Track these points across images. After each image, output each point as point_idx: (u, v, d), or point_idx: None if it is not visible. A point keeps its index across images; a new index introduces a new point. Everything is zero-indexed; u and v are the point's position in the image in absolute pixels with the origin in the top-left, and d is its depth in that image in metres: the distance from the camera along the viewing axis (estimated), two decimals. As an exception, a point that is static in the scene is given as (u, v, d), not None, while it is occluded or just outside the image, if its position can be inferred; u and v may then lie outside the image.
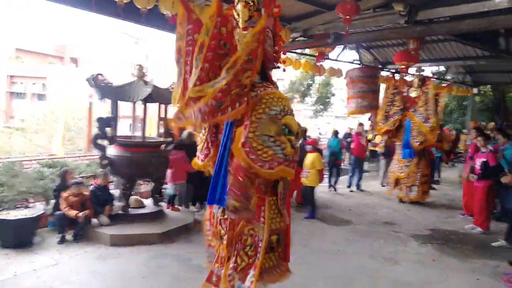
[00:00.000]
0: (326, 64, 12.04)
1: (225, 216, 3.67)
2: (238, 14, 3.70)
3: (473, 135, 9.03)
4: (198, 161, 3.86)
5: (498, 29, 10.50)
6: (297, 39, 9.95)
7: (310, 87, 22.96)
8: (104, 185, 6.44)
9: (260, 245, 3.62)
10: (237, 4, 3.69)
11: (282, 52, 4.01)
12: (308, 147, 7.80)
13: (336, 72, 12.33)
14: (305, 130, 9.31)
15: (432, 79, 15.55)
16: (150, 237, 5.97)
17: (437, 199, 10.19)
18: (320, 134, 26.46)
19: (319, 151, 8.00)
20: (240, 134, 3.33)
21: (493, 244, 6.66)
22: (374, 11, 8.10)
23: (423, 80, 9.53)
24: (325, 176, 11.84)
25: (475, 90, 19.73)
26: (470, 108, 20.57)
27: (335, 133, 10.94)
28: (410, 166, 9.37)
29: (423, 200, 9.51)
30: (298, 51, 14.13)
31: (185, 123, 3.46)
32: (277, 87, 3.74)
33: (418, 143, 9.12)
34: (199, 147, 3.84)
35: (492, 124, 17.99)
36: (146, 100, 6.39)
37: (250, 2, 3.62)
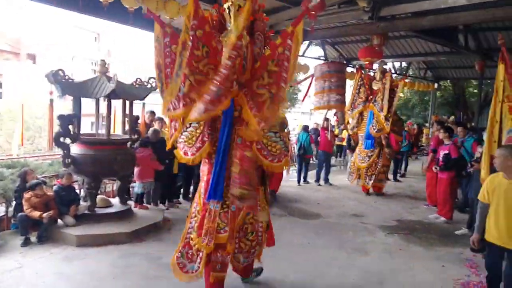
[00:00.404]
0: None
1: (225, 210, 3.86)
2: (229, 14, 3.79)
3: (436, 128, 9.35)
4: (186, 155, 3.93)
5: (458, 26, 10.89)
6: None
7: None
8: (68, 184, 6.24)
9: (260, 230, 4.04)
10: (229, 7, 3.77)
11: None
12: None
13: (303, 68, 12.42)
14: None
15: (394, 74, 15.95)
16: (118, 237, 5.83)
17: (402, 191, 10.48)
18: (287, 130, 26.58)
19: None
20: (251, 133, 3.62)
21: (456, 232, 6.90)
22: (339, 7, 8.24)
23: (384, 73, 9.72)
24: (294, 170, 11.99)
25: (436, 85, 20.37)
26: (431, 103, 21.20)
27: (305, 127, 11.04)
28: (372, 156, 9.57)
29: (379, 188, 9.79)
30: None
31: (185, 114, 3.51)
32: None
33: (375, 130, 9.32)
34: (188, 142, 3.88)
35: (452, 117, 18.64)
36: (110, 96, 6.22)
37: (243, 5, 3.64)
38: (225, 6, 3.79)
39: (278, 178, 8.87)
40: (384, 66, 9.88)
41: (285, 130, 3.83)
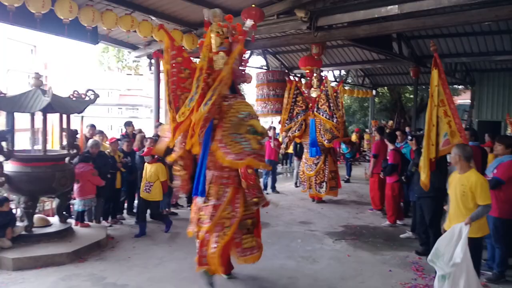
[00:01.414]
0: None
1: (206, 204, 4.62)
2: (213, 40, 4.67)
3: (377, 135, 9.68)
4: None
5: (391, 34, 11.42)
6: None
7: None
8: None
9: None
10: (210, 30, 4.66)
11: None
12: (146, 158, 6.89)
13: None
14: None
15: (333, 81, 16.42)
16: (58, 258, 5.52)
17: (347, 196, 10.73)
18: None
19: (162, 161, 6.77)
20: (217, 134, 4.40)
21: (401, 236, 7.14)
22: (278, 17, 8.38)
23: (321, 80, 9.92)
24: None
25: (374, 92, 21.25)
26: (370, 109, 22.05)
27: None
28: (318, 163, 9.69)
29: (334, 195, 9.90)
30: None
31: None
32: (244, 98, 4.89)
33: (326, 141, 9.35)
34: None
35: (391, 122, 19.46)
36: (45, 110, 5.93)
37: (221, 32, 4.65)
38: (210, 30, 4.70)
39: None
40: (321, 74, 10.13)
41: (258, 135, 4.37)
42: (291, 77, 12.01)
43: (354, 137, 16.09)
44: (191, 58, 4.63)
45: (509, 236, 5.28)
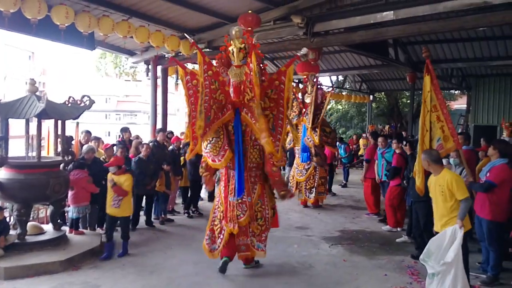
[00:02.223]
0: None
1: (240, 202, 5.36)
2: (233, 55, 5.41)
3: (371, 140, 9.68)
4: (215, 162, 5.36)
5: (387, 40, 11.44)
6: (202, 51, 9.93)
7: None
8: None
9: (267, 216, 5.52)
10: (233, 48, 5.38)
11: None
12: (111, 169, 6.19)
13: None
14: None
15: (330, 87, 16.40)
16: (51, 266, 5.46)
17: (344, 201, 10.72)
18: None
19: (130, 171, 6.61)
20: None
21: (397, 240, 7.12)
22: (274, 23, 8.39)
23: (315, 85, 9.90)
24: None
25: (371, 97, 21.30)
26: (368, 114, 22.09)
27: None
28: (309, 169, 9.67)
29: (321, 201, 9.88)
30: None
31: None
32: None
33: (311, 142, 9.41)
34: (213, 152, 5.32)
35: (387, 127, 19.51)
36: (40, 116, 5.89)
37: (243, 47, 5.35)
38: (230, 48, 5.45)
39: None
40: (315, 79, 10.12)
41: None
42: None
43: (362, 142, 16.27)
44: (219, 72, 5.36)
45: (502, 238, 5.30)
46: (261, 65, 5.47)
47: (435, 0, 6.45)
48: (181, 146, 9.07)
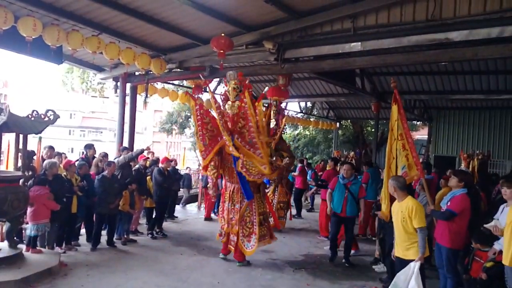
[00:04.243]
0: (205, 96, 12.15)
1: (232, 207, 6.91)
2: (229, 93, 6.71)
3: (330, 164, 10.37)
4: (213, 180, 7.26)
5: (355, 69, 11.80)
6: (173, 70, 9.95)
7: (189, 119, 22.91)
8: None
9: (255, 221, 6.82)
10: (229, 88, 6.69)
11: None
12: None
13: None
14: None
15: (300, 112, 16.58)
16: (5, 286, 5.20)
17: (309, 225, 10.78)
18: (199, 165, 26.33)
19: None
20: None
21: (375, 269, 7.03)
22: (247, 47, 8.52)
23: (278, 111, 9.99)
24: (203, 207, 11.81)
25: (337, 124, 21.78)
26: (334, 140, 22.52)
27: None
28: (268, 193, 9.69)
29: (283, 225, 9.91)
30: (176, 82, 14.13)
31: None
32: None
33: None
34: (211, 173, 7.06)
35: (352, 153, 19.97)
36: (1, 129, 5.71)
37: (236, 87, 6.61)
38: (226, 88, 6.82)
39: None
40: (279, 104, 10.25)
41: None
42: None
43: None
44: (209, 110, 7.00)
45: (460, 265, 5.45)
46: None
47: (401, 34, 6.73)
48: (147, 165, 8.95)
